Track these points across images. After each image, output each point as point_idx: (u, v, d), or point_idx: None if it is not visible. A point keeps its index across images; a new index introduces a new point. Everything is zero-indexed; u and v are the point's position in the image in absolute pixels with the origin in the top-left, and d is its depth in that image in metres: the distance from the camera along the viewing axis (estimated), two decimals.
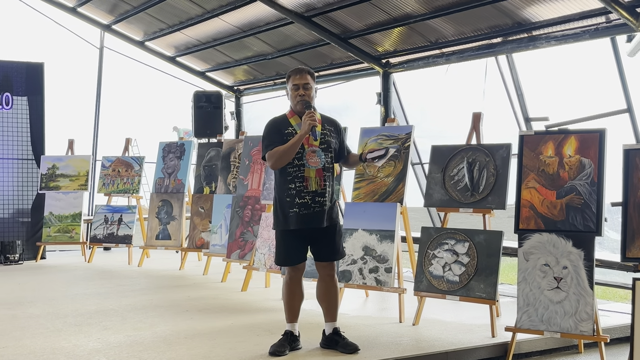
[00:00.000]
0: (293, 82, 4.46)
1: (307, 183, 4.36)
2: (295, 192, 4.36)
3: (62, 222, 9.57)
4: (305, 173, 4.37)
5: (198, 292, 6.94)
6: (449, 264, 5.33)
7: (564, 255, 4.63)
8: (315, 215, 4.38)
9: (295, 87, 4.45)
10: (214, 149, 8.77)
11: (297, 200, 4.36)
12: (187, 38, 11.13)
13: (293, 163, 4.37)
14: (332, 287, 4.56)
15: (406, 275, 6.94)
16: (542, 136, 4.95)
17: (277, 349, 4.42)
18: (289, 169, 4.39)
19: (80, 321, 5.45)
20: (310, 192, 4.36)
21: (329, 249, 4.51)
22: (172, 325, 5.31)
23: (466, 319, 5.60)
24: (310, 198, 4.36)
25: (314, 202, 4.37)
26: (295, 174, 4.38)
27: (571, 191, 4.72)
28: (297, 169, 4.37)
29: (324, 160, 4.42)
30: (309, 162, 4.38)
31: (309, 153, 4.39)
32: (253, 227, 7.36)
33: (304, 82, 4.44)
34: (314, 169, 4.38)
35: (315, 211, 4.37)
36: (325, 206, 4.40)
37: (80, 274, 8.32)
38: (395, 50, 9.17)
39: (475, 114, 5.63)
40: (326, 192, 4.41)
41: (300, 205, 4.36)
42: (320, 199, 4.38)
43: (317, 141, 4.41)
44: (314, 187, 4.36)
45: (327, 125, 4.52)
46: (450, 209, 5.55)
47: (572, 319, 4.54)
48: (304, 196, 4.36)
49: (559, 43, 7.30)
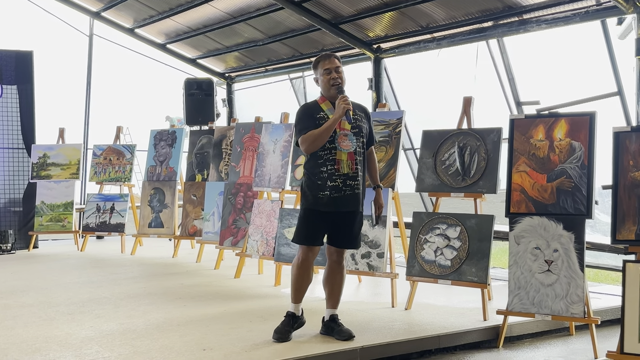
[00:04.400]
0: (324, 67, 4.47)
1: (339, 166, 4.36)
2: (327, 175, 4.37)
3: (54, 211, 9.54)
4: (337, 156, 4.37)
5: (191, 279, 6.94)
6: (440, 248, 5.35)
7: (554, 238, 4.65)
8: (347, 199, 4.38)
9: (327, 71, 4.45)
10: (206, 137, 8.75)
11: (328, 183, 4.36)
12: (177, 25, 11.07)
13: (325, 146, 4.38)
14: (339, 274, 4.56)
15: (398, 261, 6.96)
16: (532, 120, 4.95)
17: (281, 335, 4.42)
18: (320, 152, 4.39)
19: (73, 310, 5.44)
20: (341, 175, 4.37)
21: (348, 236, 4.50)
22: (165, 312, 5.32)
23: (458, 302, 5.63)
24: (341, 181, 4.37)
25: (345, 185, 4.37)
26: (327, 157, 4.38)
27: (562, 174, 4.74)
28: (328, 152, 4.38)
29: (355, 144, 4.42)
30: (340, 145, 4.38)
31: (341, 136, 4.39)
32: (245, 214, 7.35)
33: (335, 65, 4.47)
34: (345, 152, 4.38)
35: (347, 194, 4.38)
36: (357, 190, 4.41)
37: (73, 263, 8.30)
38: (387, 35, 9.15)
39: (466, 98, 5.63)
40: (358, 175, 4.42)
41: (331, 188, 4.36)
42: (351, 182, 4.39)
43: (349, 125, 4.41)
44: (345, 170, 4.37)
45: (357, 111, 4.53)
46: (441, 194, 5.56)
47: (563, 302, 4.57)
48: (335, 179, 4.36)
49: (549, 26, 7.30)
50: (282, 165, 6.89)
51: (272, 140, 7.10)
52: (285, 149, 6.92)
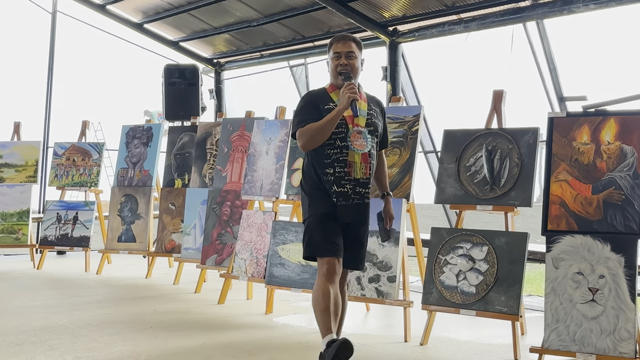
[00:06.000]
0: (334, 49, 4.44)
1: (351, 169, 4.32)
2: (334, 179, 4.33)
3: (6, 221, 9.52)
4: (349, 157, 4.33)
5: (166, 305, 6.91)
6: (463, 272, 5.30)
7: (600, 261, 4.60)
8: (355, 209, 4.34)
9: (337, 55, 4.42)
10: (188, 134, 8.73)
11: (334, 187, 4.33)
12: (156, 0, 11.08)
13: (335, 144, 4.33)
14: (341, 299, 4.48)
15: (413, 286, 6.91)
16: (575, 119, 4.91)
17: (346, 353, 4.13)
18: (328, 151, 4.35)
19: (22, 339, 5.41)
20: (352, 180, 4.33)
21: (355, 254, 4.45)
22: (132, 344, 5.28)
23: (484, 337, 5.58)
24: (351, 187, 4.32)
25: (354, 192, 4.33)
26: (337, 157, 4.33)
27: (610, 185, 4.69)
28: (338, 151, 4.33)
29: (370, 144, 4.38)
30: (353, 145, 4.33)
31: (354, 134, 4.35)
32: (232, 228, 7.32)
33: (347, 50, 4.41)
34: (359, 153, 4.34)
35: (355, 204, 4.34)
36: (366, 199, 4.38)
37: (26, 283, 8.28)
38: (405, 15, 9.13)
39: (496, 92, 5.60)
40: (369, 182, 4.39)
41: (338, 194, 4.32)
42: (362, 190, 4.35)
43: (363, 120, 4.37)
44: (358, 174, 4.33)
45: (372, 105, 4.50)
46: (465, 206, 5.52)
47: (609, 338, 4.52)
48: (344, 184, 4.32)
49: (599, 6, 7.26)
50: (277, 170, 6.86)
51: (265, 140, 7.08)
52: (280, 150, 6.89)
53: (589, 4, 7.29)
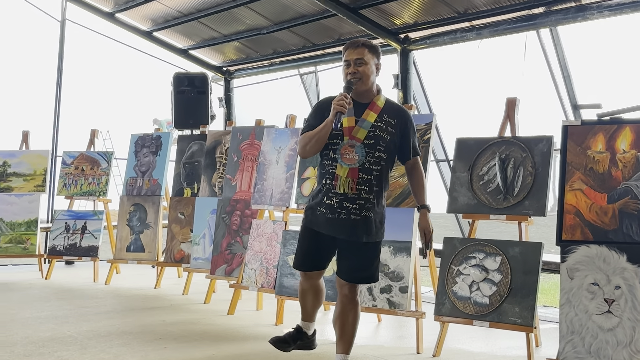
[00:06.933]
0: (345, 57, 4.42)
1: (336, 182, 4.31)
2: (325, 190, 4.35)
3: (14, 230, 9.56)
4: (337, 170, 4.32)
5: (175, 315, 6.91)
6: (476, 282, 5.28)
7: (616, 272, 4.57)
8: (341, 223, 4.31)
9: (347, 63, 4.40)
10: (197, 143, 8.75)
11: (324, 199, 4.35)
12: (165, 8, 11.12)
13: (329, 156, 4.35)
14: (351, 312, 4.45)
15: (425, 296, 6.90)
16: (590, 127, 4.89)
17: (279, 342, 4.61)
18: (324, 161, 4.40)
19: (30, 350, 5.42)
20: (338, 195, 4.30)
21: (356, 267, 4.41)
22: (141, 356, 5.28)
23: (498, 349, 5.56)
24: (337, 201, 4.30)
25: (341, 207, 4.30)
26: (328, 168, 4.36)
27: (626, 194, 4.67)
28: (330, 162, 4.35)
29: (363, 159, 4.29)
30: (342, 158, 4.31)
31: (346, 147, 4.31)
32: (242, 237, 7.32)
33: (357, 57, 4.35)
34: (346, 167, 4.29)
35: (341, 218, 4.30)
36: (355, 216, 4.29)
37: (35, 294, 8.30)
38: (416, 22, 9.12)
39: (509, 100, 5.59)
40: (360, 198, 4.29)
41: (326, 206, 4.33)
42: (349, 205, 4.28)
43: (364, 133, 4.30)
44: (342, 189, 4.29)
45: (386, 116, 4.37)
46: (478, 216, 5.51)
47: (626, 350, 4.48)
48: (331, 197, 4.32)
49: (613, 13, 7.23)
50: (287, 179, 6.86)
51: (275, 148, 7.08)
52: (290, 159, 6.89)
53: (603, 10, 7.27)
